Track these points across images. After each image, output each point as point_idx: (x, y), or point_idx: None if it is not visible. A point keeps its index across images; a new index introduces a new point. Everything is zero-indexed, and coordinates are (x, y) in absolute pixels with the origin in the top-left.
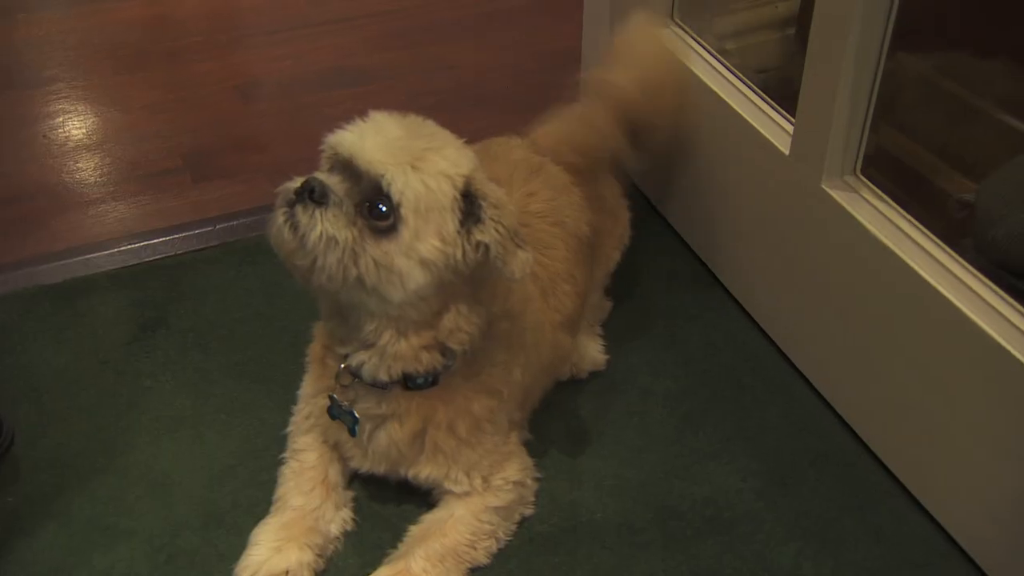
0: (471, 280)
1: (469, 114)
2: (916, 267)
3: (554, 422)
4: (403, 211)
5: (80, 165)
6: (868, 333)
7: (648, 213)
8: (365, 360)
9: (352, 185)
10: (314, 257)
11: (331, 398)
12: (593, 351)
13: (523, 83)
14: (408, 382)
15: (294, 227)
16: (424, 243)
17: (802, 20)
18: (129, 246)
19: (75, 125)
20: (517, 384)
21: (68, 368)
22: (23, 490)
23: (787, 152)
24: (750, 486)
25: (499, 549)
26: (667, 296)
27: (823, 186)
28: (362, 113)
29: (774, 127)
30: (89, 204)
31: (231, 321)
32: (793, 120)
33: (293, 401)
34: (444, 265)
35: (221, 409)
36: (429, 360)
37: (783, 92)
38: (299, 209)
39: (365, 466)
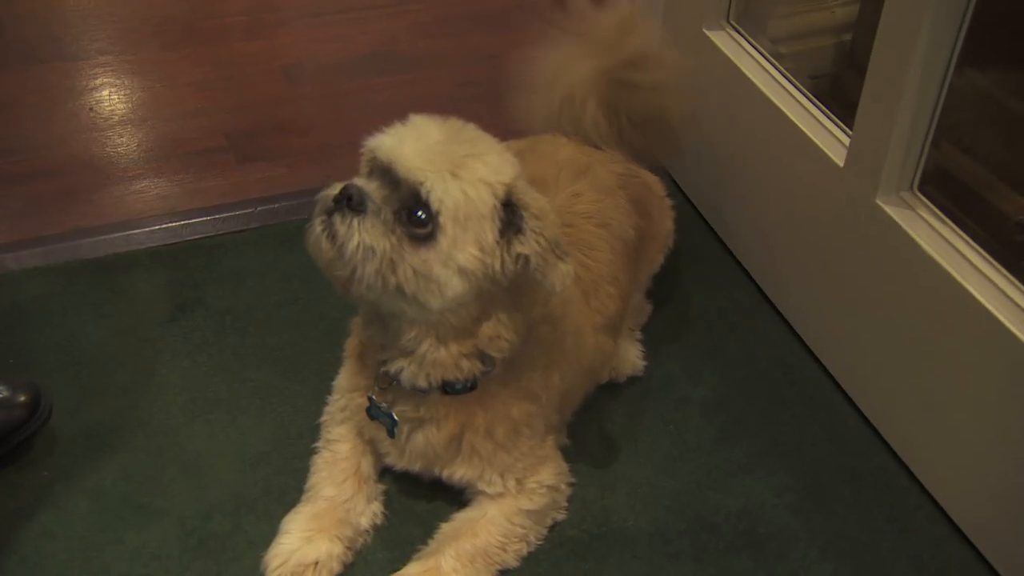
0: (511, 288)
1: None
2: (972, 290)
3: (588, 426)
4: (442, 219)
5: (124, 140)
6: (917, 354)
7: (693, 219)
8: (404, 367)
9: (391, 192)
10: (353, 267)
11: (370, 399)
12: (633, 356)
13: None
14: (447, 388)
15: (332, 236)
16: (463, 252)
17: (860, 26)
18: (169, 224)
19: (120, 99)
20: (556, 389)
21: (106, 344)
22: (58, 463)
23: (841, 164)
24: (785, 502)
25: (529, 552)
26: (708, 304)
27: (878, 201)
28: (403, 102)
29: (828, 137)
30: (131, 180)
31: (268, 305)
32: (847, 130)
33: (328, 390)
34: (483, 274)
35: (256, 394)
36: (469, 367)
37: (836, 99)
38: (337, 218)
39: (400, 464)
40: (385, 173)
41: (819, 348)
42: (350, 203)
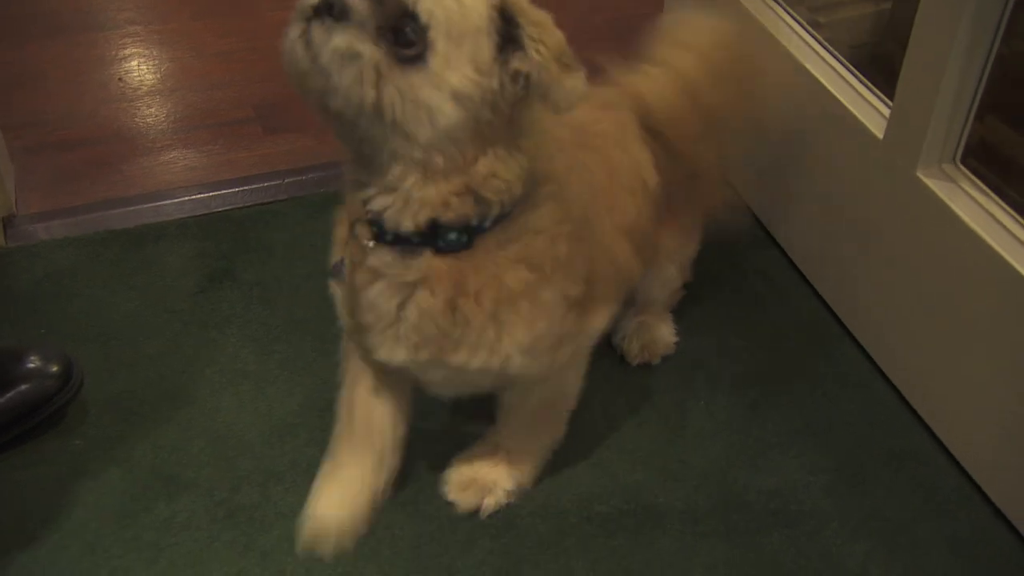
0: (511, 123)
1: None
2: (1016, 264)
3: (618, 400)
4: (432, 35)
5: (153, 111)
6: (957, 331)
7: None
8: (388, 204)
9: (376, 6)
10: (328, 75)
11: (340, 260)
12: (666, 334)
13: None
14: (439, 240)
15: (308, 44)
16: (456, 73)
17: None
18: (198, 195)
19: (149, 69)
20: (565, 260)
21: (136, 315)
22: (89, 433)
23: (881, 136)
24: (818, 481)
25: (558, 526)
26: (740, 279)
27: (918, 174)
28: None
29: (868, 108)
30: (160, 150)
31: (296, 277)
32: (888, 101)
33: None
34: (480, 99)
35: (284, 366)
36: (460, 206)
37: (876, 70)
38: (315, 25)
39: (399, 355)
40: None
41: (855, 325)
42: (331, 11)
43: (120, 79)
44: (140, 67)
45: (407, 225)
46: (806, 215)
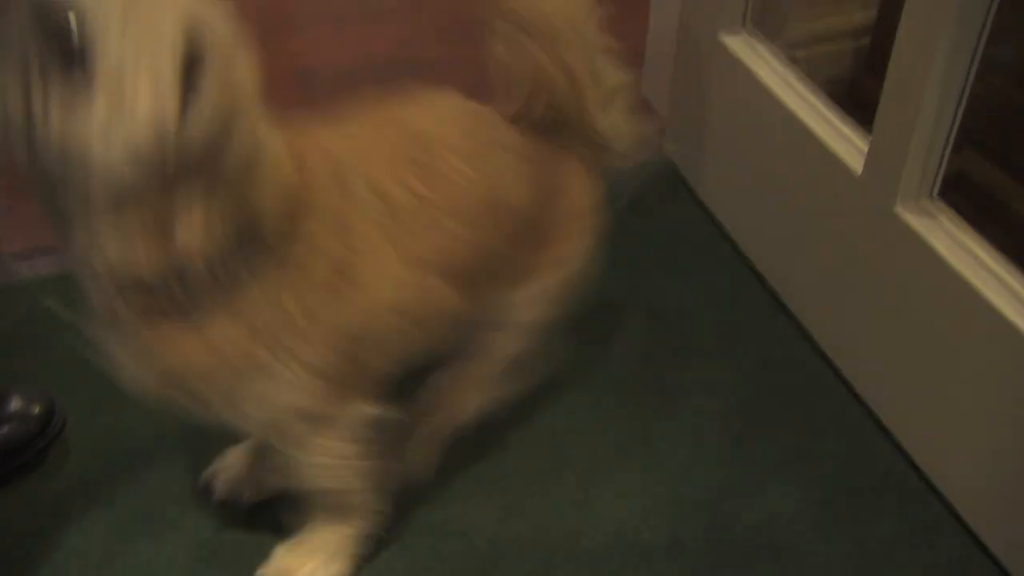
0: (210, 170)
1: None
2: (994, 301)
3: (600, 435)
4: (97, 64)
5: None
6: (938, 365)
7: (706, 223)
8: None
9: (34, 26)
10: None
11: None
12: (471, 401)
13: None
14: (148, 311)
15: None
16: (129, 112)
17: (878, 30)
18: None
19: None
20: (295, 317)
21: None
22: (72, 472)
23: (859, 170)
24: (804, 512)
25: (544, 562)
26: (723, 311)
27: (896, 209)
28: None
29: (845, 143)
30: None
31: None
32: (866, 136)
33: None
34: (161, 145)
35: None
36: (159, 277)
37: (854, 104)
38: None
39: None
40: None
41: (838, 357)
42: None
43: None
44: None
45: (114, 296)
46: (789, 249)
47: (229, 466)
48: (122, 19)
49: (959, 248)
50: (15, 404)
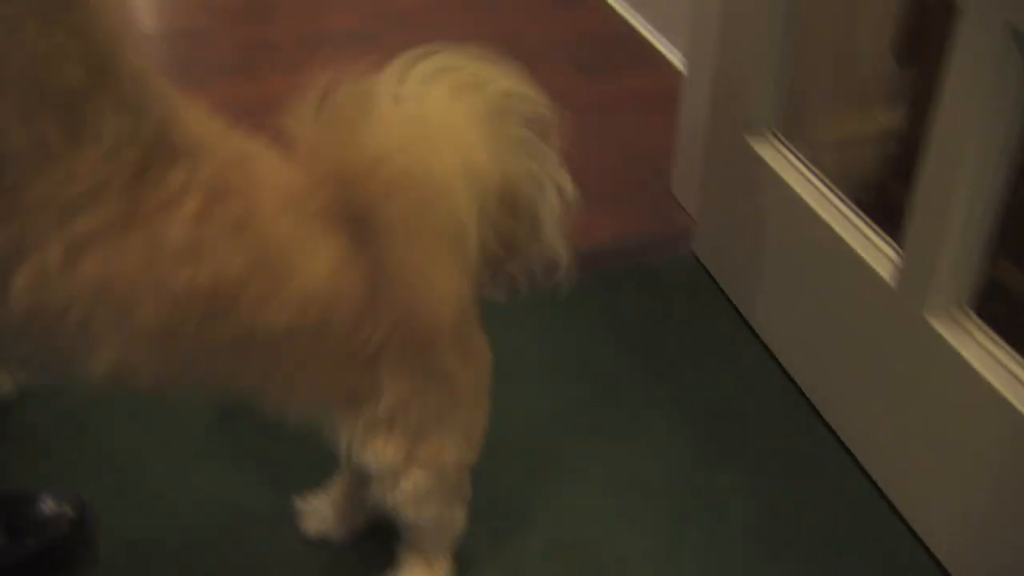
0: None
1: None
2: None
3: (624, 538)
4: None
5: None
6: (971, 477)
7: (734, 321)
8: None
9: None
10: None
11: None
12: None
13: (610, 181)
14: None
15: None
16: None
17: (904, 135)
18: None
19: None
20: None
21: (148, 449)
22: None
23: (888, 278)
24: None
25: None
26: (750, 413)
27: (927, 318)
28: None
29: (875, 252)
30: None
31: None
32: (895, 244)
33: None
34: None
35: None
36: None
37: (883, 210)
38: None
39: None
40: None
41: (869, 463)
42: None
43: None
44: None
45: None
46: (817, 351)
47: (316, 508)
48: None
49: (991, 359)
50: (48, 507)
